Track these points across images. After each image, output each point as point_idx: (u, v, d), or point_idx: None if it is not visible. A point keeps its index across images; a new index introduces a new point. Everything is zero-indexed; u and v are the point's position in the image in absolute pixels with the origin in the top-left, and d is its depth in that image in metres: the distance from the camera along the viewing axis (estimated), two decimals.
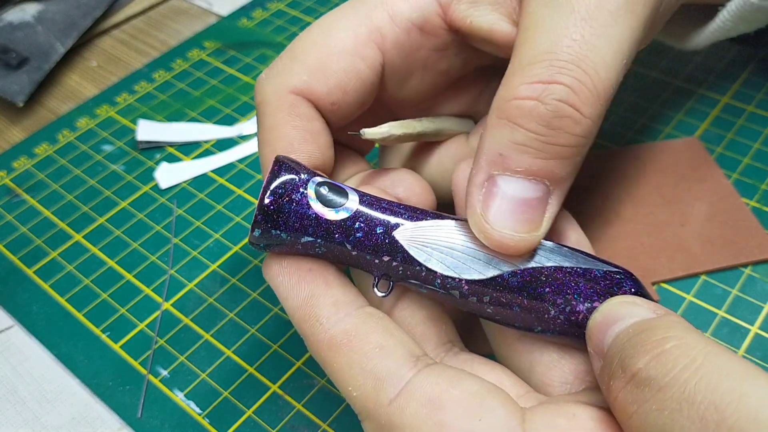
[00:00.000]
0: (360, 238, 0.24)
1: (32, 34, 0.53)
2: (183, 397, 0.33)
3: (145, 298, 0.38)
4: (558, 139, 0.23)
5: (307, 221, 0.24)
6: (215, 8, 0.57)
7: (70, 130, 0.48)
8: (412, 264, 0.24)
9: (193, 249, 0.40)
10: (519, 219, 0.23)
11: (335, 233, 0.24)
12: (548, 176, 0.24)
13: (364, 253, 0.24)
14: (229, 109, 0.48)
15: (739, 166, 0.41)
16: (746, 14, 0.36)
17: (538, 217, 0.24)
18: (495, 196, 0.24)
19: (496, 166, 0.24)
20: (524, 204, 0.24)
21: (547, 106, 0.23)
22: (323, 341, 0.23)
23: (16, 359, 0.36)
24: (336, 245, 0.24)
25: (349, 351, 0.23)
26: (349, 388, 0.23)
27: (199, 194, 0.43)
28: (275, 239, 0.24)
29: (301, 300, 0.24)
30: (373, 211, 0.25)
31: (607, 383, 0.20)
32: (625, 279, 0.24)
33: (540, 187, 0.24)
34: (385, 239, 0.24)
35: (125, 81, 0.51)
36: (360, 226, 0.24)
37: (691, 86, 0.46)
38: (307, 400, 0.33)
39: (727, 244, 0.36)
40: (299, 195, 0.24)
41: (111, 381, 0.34)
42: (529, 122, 0.23)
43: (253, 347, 0.35)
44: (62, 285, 0.39)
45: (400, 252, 0.24)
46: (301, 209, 0.24)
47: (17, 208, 0.43)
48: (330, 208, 0.24)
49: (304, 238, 0.24)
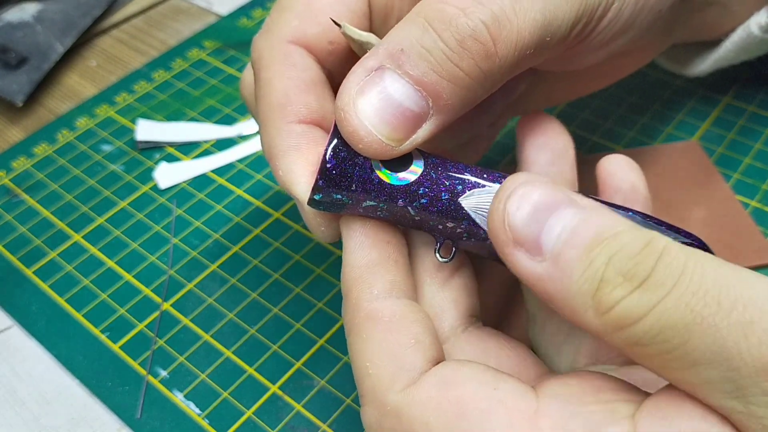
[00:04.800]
0: (424, 204, 0.23)
1: (31, 34, 0.53)
2: (182, 397, 0.33)
3: (145, 299, 0.38)
4: (461, 61, 0.22)
5: (370, 185, 0.23)
6: (215, 8, 0.57)
7: (69, 130, 0.47)
8: (477, 230, 0.23)
9: (192, 249, 0.40)
10: (384, 120, 0.22)
11: (398, 198, 0.23)
12: (434, 95, 0.22)
13: (427, 219, 0.24)
14: (228, 108, 0.48)
15: (740, 167, 0.41)
16: (748, 46, 0.36)
17: (405, 129, 0.23)
18: (375, 86, 0.22)
19: (392, 59, 0.22)
20: (398, 109, 0.22)
21: (470, 21, 0.22)
22: (365, 309, 0.23)
23: (15, 360, 0.36)
24: (398, 209, 0.24)
25: (385, 330, 0.23)
26: (367, 364, 0.22)
27: (198, 194, 0.43)
28: (336, 203, 0.24)
29: (365, 262, 0.24)
30: (438, 176, 0.23)
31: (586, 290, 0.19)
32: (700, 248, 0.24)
33: (422, 102, 0.23)
34: (450, 205, 0.23)
35: (124, 81, 0.51)
36: (425, 191, 0.23)
37: (692, 86, 0.46)
38: (306, 400, 0.33)
39: (726, 248, 0.36)
40: (362, 158, 0.23)
41: (110, 381, 0.34)
42: (444, 30, 0.22)
43: (253, 348, 0.35)
44: (61, 285, 0.39)
45: (465, 219, 0.23)
46: (364, 173, 0.23)
47: (16, 208, 0.43)
48: (394, 172, 0.23)
49: (366, 202, 0.23)
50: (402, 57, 0.22)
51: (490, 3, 0.22)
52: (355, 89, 0.23)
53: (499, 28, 0.22)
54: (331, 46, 0.27)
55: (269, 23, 0.28)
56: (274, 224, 0.40)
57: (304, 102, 0.26)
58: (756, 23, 0.35)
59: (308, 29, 0.27)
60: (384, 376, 0.22)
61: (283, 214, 0.41)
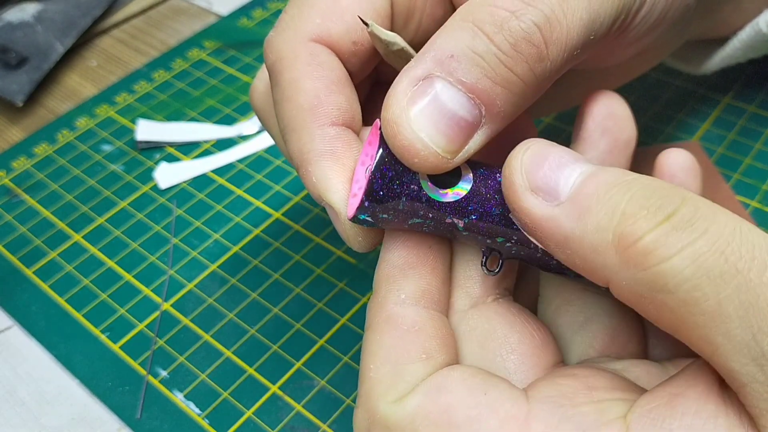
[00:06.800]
0: (474, 220, 0.22)
1: (32, 34, 0.53)
2: (182, 397, 0.33)
3: (145, 299, 0.38)
4: (516, 66, 0.21)
5: (418, 204, 0.22)
6: (215, 8, 0.57)
7: (69, 130, 0.47)
8: (528, 246, 0.22)
9: (192, 249, 0.40)
10: (440, 130, 0.21)
11: (447, 216, 0.22)
12: (487, 102, 0.21)
13: (476, 234, 0.23)
14: (228, 108, 0.48)
15: (740, 167, 0.41)
16: (756, 44, 0.36)
17: (460, 140, 0.21)
18: (426, 95, 0.21)
19: (442, 67, 0.21)
20: (453, 119, 0.21)
21: (522, 23, 0.21)
22: (387, 311, 0.23)
23: (15, 360, 0.36)
24: (446, 226, 0.22)
25: (400, 338, 0.22)
26: (371, 366, 0.22)
27: (198, 194, 0.43)
28: (381, 221, 0.23)
29: (401, 262, 0.23)
30: (489, 190, 0.22)
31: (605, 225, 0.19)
32: None
33: (475, 110, 0.21)
34: (501, 221, 0.22)
35: (125, 81, 0.51)
36: (474, 207, 0.22)
37: (692, 86, 0.46)
38: (306, 401, 0.33)
39: None
40: (410, 176, 0.22)
41: (110, 382, 0.34)
42: (497, 34, 0.21)
43: (253, 348, 0.35)
44: (61, 285, 0.39)
45: (516, 233, 0.22)
46: (412, 193, 0.22)
47: (16, 208, 0.43)
48: (443, 188, 0.22)
49: (413, 220, 0.22)
50: (453, 64, 0.21)
51: (540, 4, 0.22)
52: (405, 100, 0.21)
53: (551, 30, 0.22)
54: (355, 46, 0.26)
55: (286, 20, 0.26)
56: (274, 224, 0.40)
57: (335, 103, 0.25)
58: (765, 21, 0.35)
59: (333, 27, 0.25)
60: (381, 383, 0.22)
61: (283, 214, 0.41)
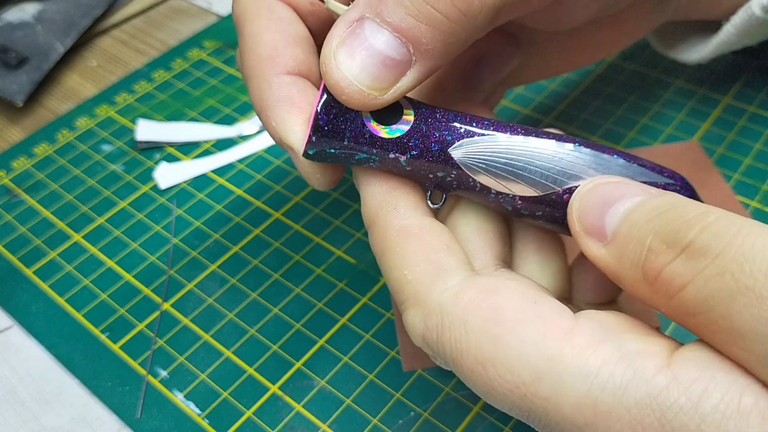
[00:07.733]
0: (415, 156, 0.24)
1: (32, 34, 0.53)
2: (182, 397, 0.33)
3: (145, 299, 0.38)
4: (436, 2, 0.22)
5: (362, 139, 0.24)
6: (215, 8, 0.57)
7: (69, 130, 0.47)
8: (467, 180, 0.24)
9: (192, 249, 0.40)
10: (365, 69, 0.23)
11: (390, 150, 0.24)
12: (413, 40, 0.23)
13: (418, 169, 0.24)
14: (228, 108, 0.48)
15: (740, 167, 0.41)
16: (751, 28, 0.35)
17: (389, 78, 0.23)
18: (356, 36, 0.23)
19: (371, 8, 0.23)
20: (378, 58, 0.23)
21: None
22: (395, 227, 0.24)
23: (15, 360, 0.36)
24: (390, 161, 0.24)
25: (418, 239, 0.23)
26: (405, 272, 0.23)
27: (198, 194, 0.43)
28: (329, 156, 0.24)
29: (384, 188, 0.25)
30: (429, 128, 0.24)
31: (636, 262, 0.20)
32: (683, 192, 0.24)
33: (403, 49, 0.23)
34: (440, 156, 0.24)
35: (125, 81, 0.51)
36: (415, 143, 0.24)
37: (692, 86, 0.46)
38: (306, 401, 0.33)
39: None
40: (353, 114, 0.24)
41: (110, 381, 0.34)
42: None
43: (253, 348, 0.35)
44: (61, 285, 0.39)
45: (455, 168, 0.24)
46: (356, 127, 0.24)
47: (16, 208, 0.43)
48: (385, 125, 0.24)
49: (359, 155, 0.24)
50: (380, 5, 0.23)
51: None
52: (336, 42, 0.23)
53: None
54: (312, 6, 0.27)
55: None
56: (274, 224, 0.40)
57: (291, 54, 0.26)
58: (758, 3, 0.34)
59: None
60: (425, 279, 0.23)
61: (283, 214, 0.41)
